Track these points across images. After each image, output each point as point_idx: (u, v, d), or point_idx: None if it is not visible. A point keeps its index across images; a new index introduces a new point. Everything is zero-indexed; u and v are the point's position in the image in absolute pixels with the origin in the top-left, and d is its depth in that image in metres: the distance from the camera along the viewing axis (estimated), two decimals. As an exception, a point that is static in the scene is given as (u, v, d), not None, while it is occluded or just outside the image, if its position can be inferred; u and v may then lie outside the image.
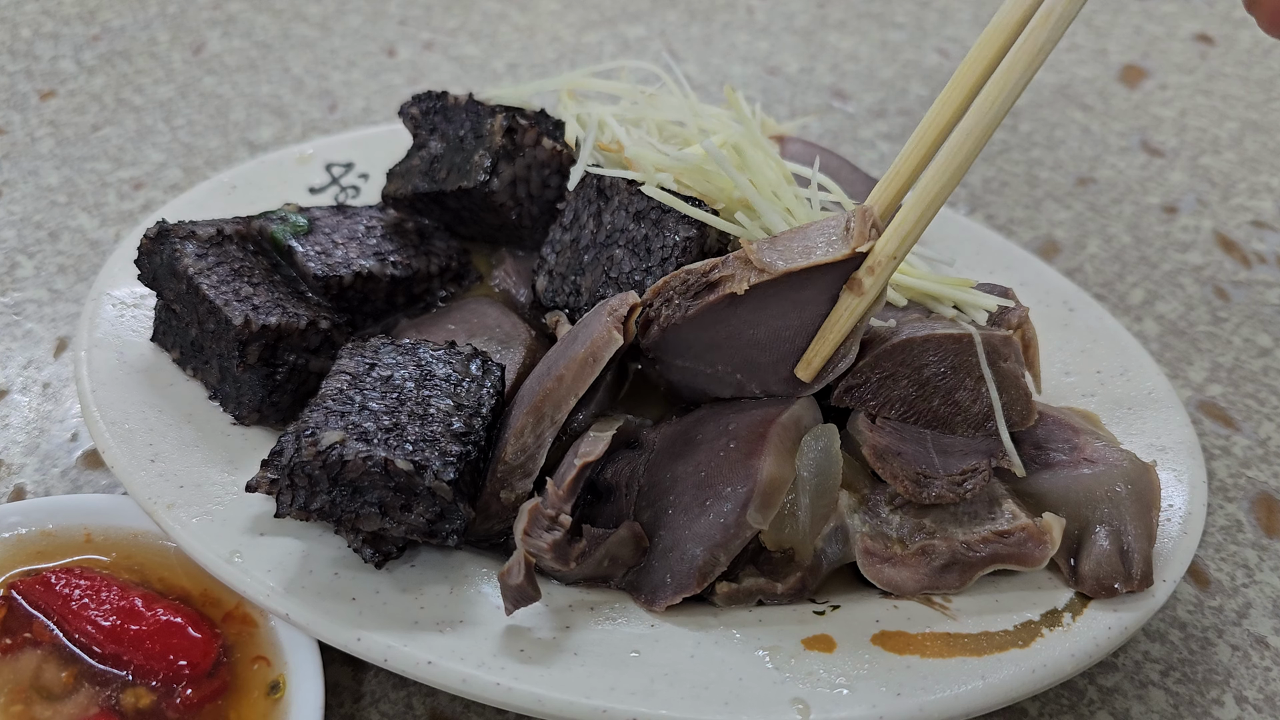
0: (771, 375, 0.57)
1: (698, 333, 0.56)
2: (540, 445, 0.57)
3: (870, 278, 0.52)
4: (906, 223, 0.52)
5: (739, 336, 0.56)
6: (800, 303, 0.54)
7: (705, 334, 0.56)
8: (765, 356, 0.56)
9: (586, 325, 0.58)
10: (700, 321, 0.55)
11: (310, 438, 0.53)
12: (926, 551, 0.56)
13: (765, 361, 0.57)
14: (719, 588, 0.55)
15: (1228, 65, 1.24)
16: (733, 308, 0.55)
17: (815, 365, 0.56)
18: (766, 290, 0.54)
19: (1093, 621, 0.54)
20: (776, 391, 0.58)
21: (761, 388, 0.58)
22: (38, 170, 0.96)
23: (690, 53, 1.21)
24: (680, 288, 0.56)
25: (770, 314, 0.55)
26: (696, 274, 0.55)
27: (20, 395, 0.75)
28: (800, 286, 0.54)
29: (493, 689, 0.50)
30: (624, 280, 0.64)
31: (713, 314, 0.55)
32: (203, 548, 0.54)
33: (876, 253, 0.52)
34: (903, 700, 0.50)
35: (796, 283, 0.53)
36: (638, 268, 0.64)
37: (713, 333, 0.56)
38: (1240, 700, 0.60)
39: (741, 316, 0.55)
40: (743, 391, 0.58)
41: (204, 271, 0.62)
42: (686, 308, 0.55)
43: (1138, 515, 0.57)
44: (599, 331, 0.56)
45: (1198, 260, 0.95)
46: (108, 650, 0.53)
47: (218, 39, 1.17)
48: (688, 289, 0.55)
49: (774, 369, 0.57)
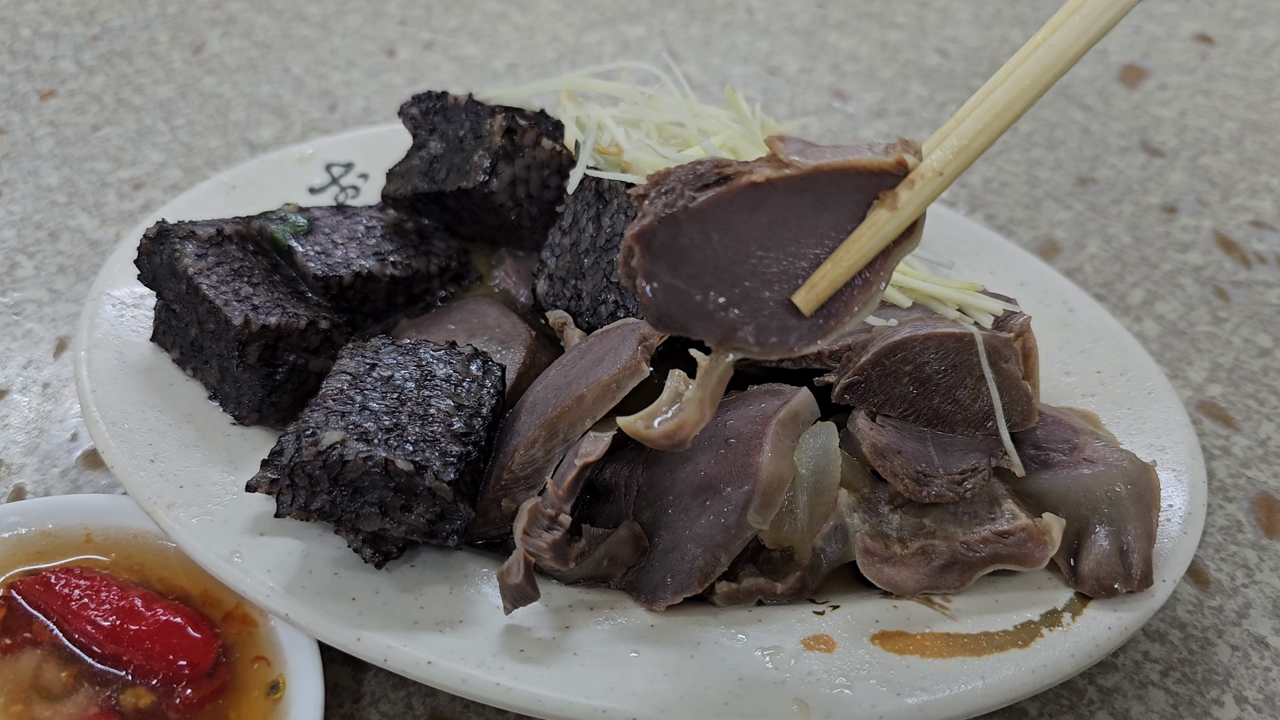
0: (773, 313, 0.44)
1: (698, 240, 0.43)
2: (549, 460, 0.56)
3: (909, 191, 0.43)
4: (963, 135, 0.43)
5: (744, 256, 0.44)
6: (823, 211, 0.44)
7: (706, 245, 0.43)
8: (770, 290, 0.44)
9: (614, 348, 0.57)
10: (704, 222, 0.43)
11: (310, 438, 0.53)
12: (926, 551, 0.56)
13: (768, 296, 0.44)
14: (719, 587, 0.55)
15: (1228, 65, 1.24)
16: (744, 213, 0.43)
17: (820, 292, 0.43)
18: (788, 193, 0.43)
19: (1092, 622, 0.54)
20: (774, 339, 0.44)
21: (756, 333, 0.44)
22: (38, 170, 0.96)
23: (690, 53, 1.21)
24: (687, 176, 0.44)
25: (787, 228, 0.44)
26: (709, 164, 0.44)
27: (20, 395, 0.75)
28: (827, 193, 0.44)
29: (492, 689, 0.49)
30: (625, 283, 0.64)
31: (721, 214, 0.43)
32: (203, 548, 0.54)
33: (921, 167, 0.44)
34: (903, 700, 0.50)
35: (824, 187, 0.43)
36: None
37: (715, 245, 0.43)
38: (1240, 700, 0.60)
39: (752, 228, 0.44)
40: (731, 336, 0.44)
41: (204, 271, 0.62)
42: (691, 199, 0.43)
43: (1138, 515, 0.57)
44: (627, 360, 0.55)
45: (1198, 260, 0.95)
46: (107, 650, 0.53)
47: (218, 39, 1.17)
48: (696, 178, 0.44)
49: (777, 305, 0.44)
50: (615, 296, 0.65)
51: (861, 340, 0.60)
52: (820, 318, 0.44)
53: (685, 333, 0.44)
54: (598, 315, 0.66)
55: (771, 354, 0.44)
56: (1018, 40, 1.28)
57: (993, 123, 0.44)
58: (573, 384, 0.58)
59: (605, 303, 0.65)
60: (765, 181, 0.43)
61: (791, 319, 0.44)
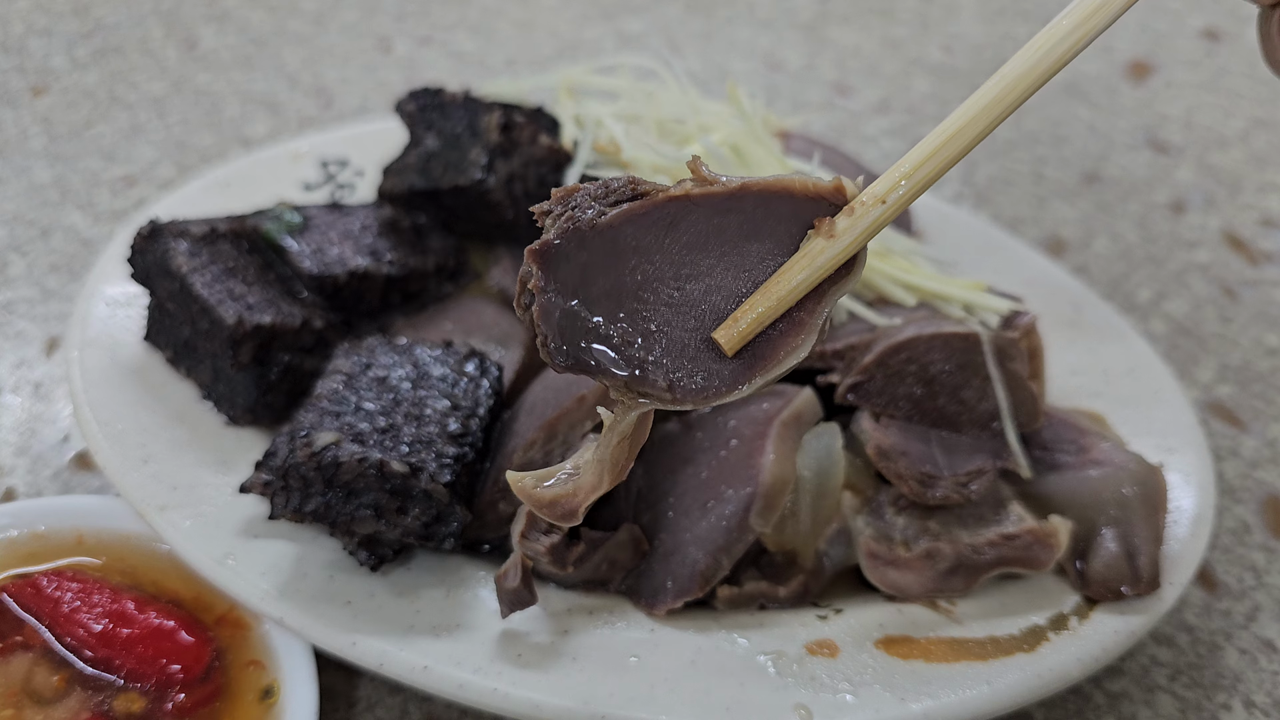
0: (691, 355, 0.39)
1: (606, 261, 0.38)
2: (548, 463, 0.56)
3: (848, 220, 0.38)
4: (908, 163, 0.38)
5: (659, 283, 0.38)
6: (751, 238, 0.39)
7: (615, 268, 0.38)
8: (686, 324, 0.39)
9: None
10: (614, 241, 0.38)
11: (304, 439, 0.52)
12: (931, 554, 0.55)
13: (683, 332, 0.39)
14: (720, 591, 0.54)
15: (1235, 61, 1.22)
16: (660, 232, 0.38)
17: (745, 329, 0.38)
18: (711, 213, 0.38)
19: (1100, 625, 0.54)
20: (682, 375, 0.39)
21: (668, 374, 0.39)
22: (29, 167, 0.95)
23: (691, 47, 1.20)
24: (598, 191, 0.39)
25: (707, 254, 0.39)
26: (624, 180, 0.39)
27: (11, 395, 0.74)
28: (756, 218, 0.39)
29: (489, 694, 0.49)
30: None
31: (633, 232, 0.38)
32: (195, 550, 0.53)
33: (863, 194, 0.39)
34: (907, 706, 0.49)
35: (752, 210, 0.39)
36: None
37: (625, 268, 0.38)
38: (1248, 705, 0.59)
39: (669, 250, 0.38)
40: (639, 378, 0.38)
41: (197, 270, 0.62)
42: (601, 213, 0.38)
43: (1145, 518, 0.56)
44: None
45: (1205, 259, 0.94)
46: (99, 654, 0.53)
47: (211, 35, 1.16)
48: (608, 193, 0.39)
49: (696, 345, 0.39)
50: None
51: (866, 340, 0.60)
52: (743, 361, 0.39)
53: (586, 371, 0.39)
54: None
55: (685, 403, 0.39)
56: (1022, 35, 1.27)
57: (942, 150, 0.39)
58: (573, 385, 0.57)
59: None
60: (685, 196, 0.39)
61: (711, 361, 0.39)
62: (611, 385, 0.39)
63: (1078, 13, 0.39)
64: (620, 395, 0.40)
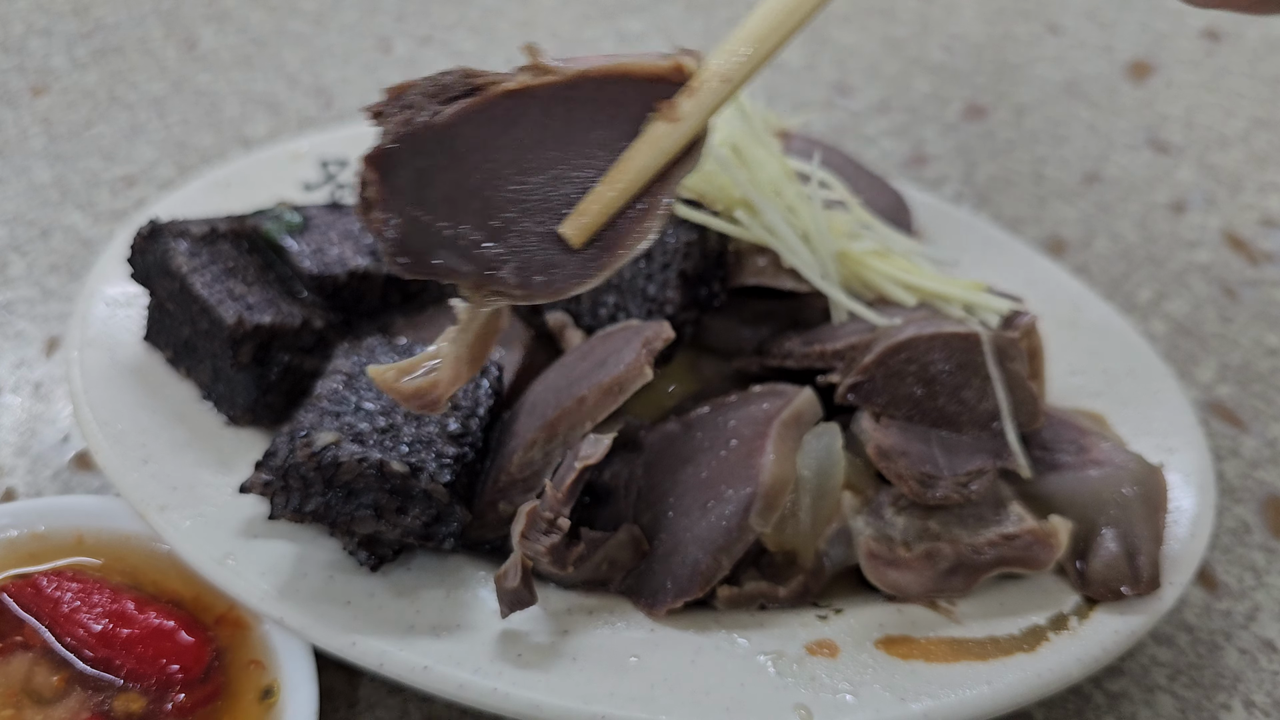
0: (537, 248, 0.37)
1: (444, 162, 0.37)
2: (548, 463, 0.56)
3: (691, 100, 0.37)
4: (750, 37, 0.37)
5: (500, 181, 0.37)
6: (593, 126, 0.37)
7: (454, 168, 0.37)
8: (531, 219, 0.37)
9: (616, 350, 0.56)
10: (451, 140, 0.37)
11: (304, 439, 0.52)
12: (932, 554, 0.55)
13: (529, 226, 0.37)
14: (720, 591, 0.54)
15: (1235, 61, 1.22)
16: (499, 128, 0.37)
17: (591, 220, 0.37)
18: (550, 103, 0.37)
19: (1100, 625, 0.54)
20: (538, 278, 0.38)
21: (517, 271, 0.37)
22: (29, 167, 0.95)
23: (691, 47, 1.20)
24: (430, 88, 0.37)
25: (549, 145, 0.37)
26: (457, 73, 0.38)
27: (11, 395, 0.74)
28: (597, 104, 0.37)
29: (489, 694, 0.49)
30: (624, 286, 0.63)
31: (471, 130, 0.37)
32: (195, 550, 0.53)
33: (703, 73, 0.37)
34: (907, 706, 0.49)
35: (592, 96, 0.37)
36: (638, 273, 0.63)
37: (465, 168, 0.37)
38: (1249, 705, 0.59)
39: (509, 146, 0.37)
40: (488, 277, 0.37)
41: (196, 270, 0.62)
42: (435, 112, 0.37)
43: (1145, 518, 0.56)
44: (630, 363, 0.54)
45: (1206, 259, 0.94)
46: (99, 654, 0.53)
47: (211, 34, 1.16)
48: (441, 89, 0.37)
49: (542, 237, 0.37)
50: (615, 299, 0.64)
51: (866, 340, 0.60)
52: (592, 251, 0.37)
53: (433, 275, 0.38)
54: (597, 318, 0.65)
55: (537, 296, 0.38)
56: (1022, 36, 1.27)
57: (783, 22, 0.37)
58: (574, 385, 0.57)
59: (605, 305, 0.64)
60: (523, 89, 0.37)
61: (558, 254, 0.37)
62: (461, 285, 0.38)
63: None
64: (471, 294, 0.39)
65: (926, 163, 1.05)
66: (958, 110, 1.13)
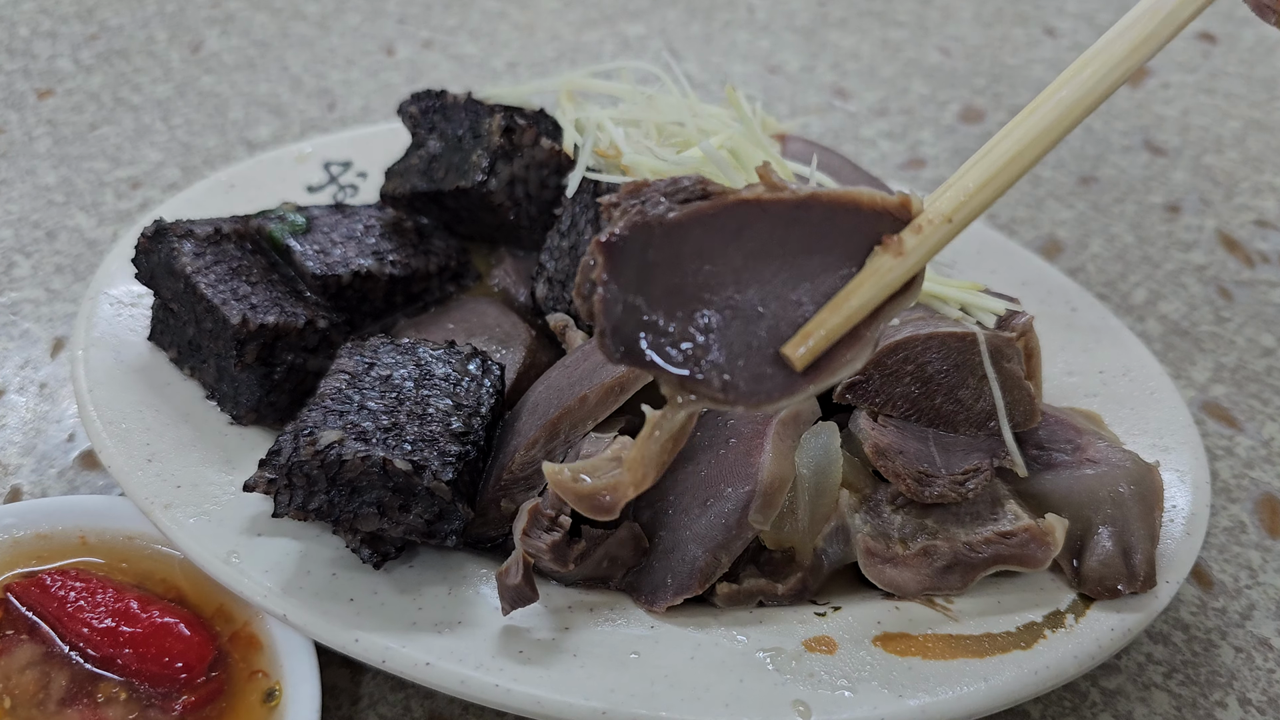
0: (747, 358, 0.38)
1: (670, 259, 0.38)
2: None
3: (916, 237, 0.39)
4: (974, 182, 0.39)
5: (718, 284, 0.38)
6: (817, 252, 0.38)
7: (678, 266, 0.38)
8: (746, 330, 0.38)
9: None
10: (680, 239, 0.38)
11: (308, 437, 0.52)
12: (928, 552, 0.55)
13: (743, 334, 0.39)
14: (720, 589, 0.55)
15: (1230, 64, 1.23)
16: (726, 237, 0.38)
17: (815, 346, 0.38)
18: (778, 221, 0.38)
19: (1095, 623, 0.54)
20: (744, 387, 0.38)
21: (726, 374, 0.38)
22: (35, 169, 0.96)
23: (691, 51, 1.21)
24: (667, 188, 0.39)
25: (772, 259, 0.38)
26: (694, 178, 0.40)
27: (17, 395, 0.75)
28: (822, 229, 0.39)
29: (491, 690, 0.49)
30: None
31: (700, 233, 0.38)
32: (200, 548, 0.54)
33: (929, 212, 0.39)
34: (905, 702, 0.49)
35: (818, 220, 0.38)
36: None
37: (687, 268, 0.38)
38: (1244, 702, 0.60)
39: (733, 256, 0.38)
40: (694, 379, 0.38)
41: (201, 270, 0.62)
42: (669, 210, 0.38)
43: (1141, 516, 0.57)
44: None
45: (1201, 260, 0.95)
46: (103, 653, 0.53)
47: (216, 37, 1.17)
48: (677, 190, 0.39)
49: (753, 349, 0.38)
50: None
51: (863, 340, 0.60)
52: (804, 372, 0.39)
53: (640, 365, 0.38)
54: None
55: (738, 404, 0.38)
56: (1019, 39, 1.28)
57: (1004, 171, 0.41)
58: (576, 385, 0.57)
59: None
60: (756, 201, 0.38)
61: (766, 366, 0.39)
62: (664, 382, 0.39)
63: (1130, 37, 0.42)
64: (672, 393, 0.39)
65: (924, 165, 1.06)
66: (955, 112, 1.13)
